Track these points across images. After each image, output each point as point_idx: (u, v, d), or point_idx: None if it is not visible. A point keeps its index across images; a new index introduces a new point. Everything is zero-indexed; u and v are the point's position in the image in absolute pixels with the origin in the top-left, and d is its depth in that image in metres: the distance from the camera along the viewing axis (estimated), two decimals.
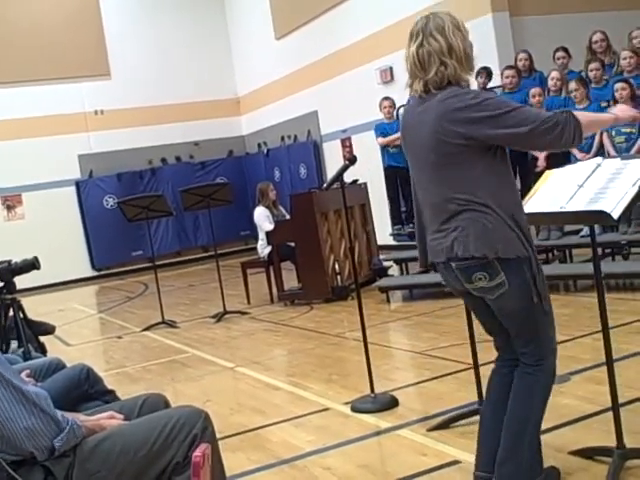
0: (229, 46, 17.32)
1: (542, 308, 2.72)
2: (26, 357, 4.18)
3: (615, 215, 2.83)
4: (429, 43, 2.66)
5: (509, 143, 2.68)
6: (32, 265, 4.69)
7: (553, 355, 2.80)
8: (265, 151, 16.39)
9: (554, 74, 8.21)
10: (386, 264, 9.04)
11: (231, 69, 17.35)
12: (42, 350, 4.87)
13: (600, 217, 2.95)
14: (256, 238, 9.75)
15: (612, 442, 2.94)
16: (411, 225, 9.21)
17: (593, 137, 7.59)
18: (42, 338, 5.09)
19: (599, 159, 3.18)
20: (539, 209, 3.03)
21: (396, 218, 9.67)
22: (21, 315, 4.70)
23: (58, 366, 3.52)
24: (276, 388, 5.08)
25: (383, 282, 8.12)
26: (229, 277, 10.33)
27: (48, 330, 5.45)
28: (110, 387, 3.43)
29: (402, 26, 11.57)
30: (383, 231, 9.88)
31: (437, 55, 2.65)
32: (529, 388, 2.76)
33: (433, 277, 7.77)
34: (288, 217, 8.84)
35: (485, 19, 9.86)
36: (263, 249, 8.99)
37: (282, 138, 15.70)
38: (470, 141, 2.62)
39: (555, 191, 3.12)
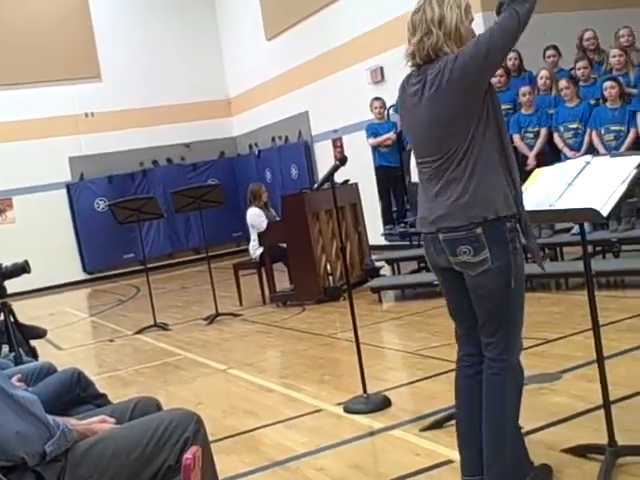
0: (220, 47, 17.31)
1: (518, 296, 2.73)
2: (17, 361, 4.17)
3: (604, 212, 2.85)
4: (424, 10, 2.73)
5: (508, 43, 2.73)
6: (22, 269, 4.68)
7: (518, 352, 2.79)
8: (256, 152, 16.38)
9: (543, 73, 8.25)
10: (378, 264, 9.05)
11: (222, 70, 17.34)
12: (33, 354, 4.86)
13: (589, 214, 2.96)
14: (248, 239, 9.74)
15: (604, 439, 2.95)
16: (402, 225, 9.24)
17: (583, 135, 7.63)
18: (33, 342, 5.07)
19: (588, 157, 3.19)
20: (529, 207, 3.03)
21: (387, 218, 9.70)
22: (12, 319, 4.68)
23: (49, 370, 3.51)
24: (269, 390, 5.07)
25: (375, 282, 8.12)
26: (221, 279, 10.32)
27: (39, 334, 5.44)
28: (102, 391, 3.42)
29: (392, 26, 11.67)
30: (375, 231, 9.90)
31: (426, 22, 2.70)
32: (499, 390, 2.75)
33: (425, 277, 7.81)
34: (279, 219, 8.83)
35: (475, 17, 9.86)
36: (255, 250, 8.98)
37: (273, 139, 15.70)
38: (469, 95, 2.65)
39: (544, 189, 3.13)
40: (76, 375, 3.28)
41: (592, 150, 7.38)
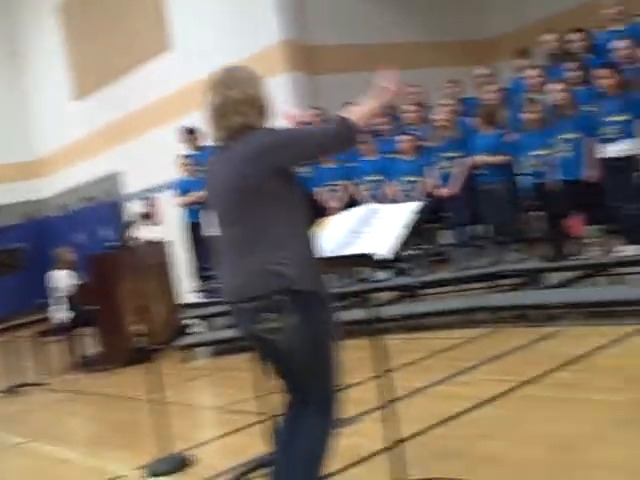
0: (25, 107, 16.65)
1: (329, 349, 2.79)
2: None
3: (384, 256, 2.97)
4: (225, 93, 2.76)
5: (309, 155, 2.93)
6: None
7: (336, 399, 2.86)
8: (66, 214, 15.79)
9: None
10: (189, 321, 8.88)
11: (28, 131, 16.66)
12: None
13: (369, 260, 3.09)
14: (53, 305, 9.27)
15: (402, 475, 3.02)
16: (213, 281, 9.15)
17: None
18: None
19: (372, 205, 3.35)
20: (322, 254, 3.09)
21: (199, 275, 9.57)
22: None
23: None
24: (66, 461, 4.77)
25: (185, 340, 7.96)
26: (26, 347, 9.70)
27: None
28: None
29: (202, 86, 11.71)
30: (186, 288, 9.74)
31: (235, 105, 2.74)
32: (310, 430, 2.79)
33: (235, 332, 7.74)
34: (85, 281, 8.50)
35: (282, 77, 10.13)
36: (61, 315, 8.56)
37: (84, 200, 15.22)
38: (271, 174, 2.69)
39: (335, 237, 3.23)
40: None
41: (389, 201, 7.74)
